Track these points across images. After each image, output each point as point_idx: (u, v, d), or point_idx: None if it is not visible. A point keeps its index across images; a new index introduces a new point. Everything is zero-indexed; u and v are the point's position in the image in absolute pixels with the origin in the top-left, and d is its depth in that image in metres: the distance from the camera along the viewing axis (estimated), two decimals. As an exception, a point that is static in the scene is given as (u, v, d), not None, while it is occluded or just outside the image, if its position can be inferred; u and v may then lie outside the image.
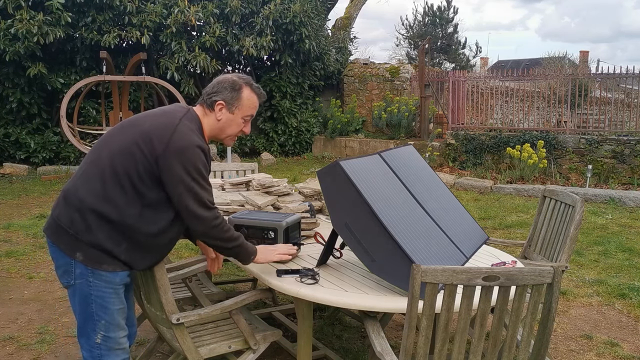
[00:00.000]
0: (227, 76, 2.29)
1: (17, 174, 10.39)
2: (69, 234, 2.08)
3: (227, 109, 2.24)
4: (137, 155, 2.07)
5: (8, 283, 4.61)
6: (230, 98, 2.24)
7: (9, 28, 9.98)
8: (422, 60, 12.64)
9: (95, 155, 2.14)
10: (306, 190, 3.41)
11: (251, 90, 2.28)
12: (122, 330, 2.20)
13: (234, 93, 2.24)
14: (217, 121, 2.25)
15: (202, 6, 11.78)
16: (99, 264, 2.08)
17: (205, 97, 2.26)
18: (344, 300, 2.13)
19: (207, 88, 2.28)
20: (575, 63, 26.40)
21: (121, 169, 2.07)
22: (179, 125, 2.11)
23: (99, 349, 2.15)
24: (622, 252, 5.52)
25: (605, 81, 10.52)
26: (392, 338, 3.50)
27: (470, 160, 10.60)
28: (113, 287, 2.12)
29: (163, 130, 2.09)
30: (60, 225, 2.10)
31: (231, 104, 2.24)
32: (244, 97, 2.26)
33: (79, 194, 2.10)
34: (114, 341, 2.16)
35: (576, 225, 2.88)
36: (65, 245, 2.09)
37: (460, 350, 1.79)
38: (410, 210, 2.44)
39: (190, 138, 2.10)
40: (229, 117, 2.25)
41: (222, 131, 2.28)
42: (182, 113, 2.20)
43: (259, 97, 2.31)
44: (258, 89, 2.31)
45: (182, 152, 2.06)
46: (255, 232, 2.55)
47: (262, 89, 2.35)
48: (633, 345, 3.51)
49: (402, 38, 29.83)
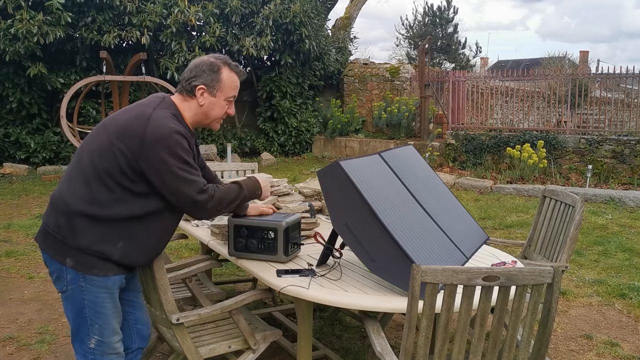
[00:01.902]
0: (204, 58, 2.21)
1: (17, 174, 10.39)
2: (57, 240, 2.06)
3: (208, 93, 2.18)
4: (117, 153, 2.03)
5: (8, 283, 4.61)
6: (211, 80, 2.17)
7: (9, 28, 9.98)
8: (422, 60, 12.64)
9: (78, 158, 2.12)
10: (306, 190, 3.41)
11: (230, 69, 2.21)
12: (117, 335, 2.17)
13: (214, 75, 2.17)
14: (199, 106, 2.19)
15: (202, 6, 11.78)
16: (90, 268, 2.05)
17: (184, 84, 2.18)
18: (344, 300, 2.13)
19: (185, 73, 2.20)
20: (575, 63, 26.41)
21: (102, 169, 2.04)
22: (152, 115, 2.06)
23: (92, 353, 2.13)
24: (622, 252, 5.52)
25: (605, 81, 10.51)
26: (392, 338, 3.50)
27: (470, 160, 10.60)
28: (106, 292, 2.09)
29: (137, 123, 2.04)
30: (48, 232, 2.09)
31: (212, 87, 2.17)
32: (225, 78, 2.19)
33: (64, 198, 2.08)
34: (108, 346, 2.14)
35: (576, 225, 2.88)
36: (54, 252, 2.08)
37: (460, 350, 1.79)
38: (410, 210, 2.44)
39: (166, 125, 2.04)
40: (211, 101, 2.19)
41: (206, 116, 2.22)
42: (156, 103, 2.14)
43: (239, 75, 2.24)
44: (237, 67, 2.24)
45: (160, 140, 2.01)
46: (255, 232, 2.54)
47: (240, 66, 2.27)
48: (633, 345, 3.51)
49: (402, 38, 29.86)
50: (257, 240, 2.54)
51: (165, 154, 2.01)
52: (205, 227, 3.16)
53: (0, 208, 7.65)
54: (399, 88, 13.72)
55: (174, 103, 2.17)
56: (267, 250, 2.53)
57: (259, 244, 2.54)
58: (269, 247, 2.52)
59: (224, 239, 2.82)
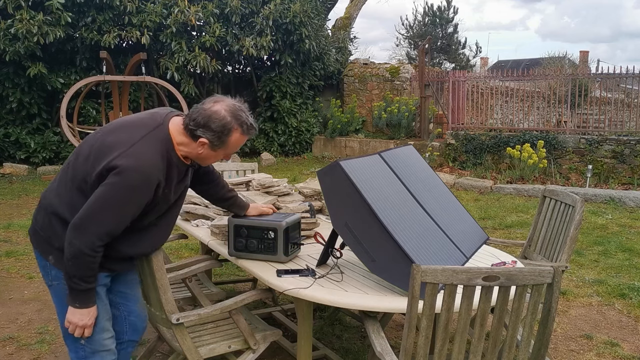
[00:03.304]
0: (220, 112, 2.03)
1: (17, 174, 10.39)
2: (42, 237, 2.10)
3: (209, 147, 2.07)
4: (93, 163, 2.00)
5: (8, 283, 4.61)
6: (216, 140, 2.05)
7: (9, 28, 9.98)
8: (422, 60, 12.64)
9: (72, 158, 2.12)
10: (306, 190, 3.41)
11: (241, 133, 2.08)
12: (106, 332, 2.17)
13: (222, 137, 2.05)
14: (197, 153, 2.10)
15: (202, 6, 11.78)
16: None
17: (190, 123, 2.03)
18: (344, 300, 2.13)
19: (196, 114, 2.03)
20: (575, 63, 26.40)
21: (80, 174, 2.03)
22: (137, 144, 1.98)
23: (83, 350, 2.15)
24: (622, 252, 5.52)
25: (605, 81, 10.51)
26: (392, 338, 3.50)
27: (470, 160, 10.59)
28: None
29: (118, 146, 1.98)
30: (36, 229, 2.13)
31: (215, 145, 2.07)
32: (232, 141, 2.08)
33: (49, 197, 2.10)
34: (98, 343, 2.15)
35: (576, 225, 2.88)
36: (40, 248, 2.12)
37: (460, 350, 1.79)
38: (410, 210, 2.44)
39: (141, 162, 1.94)
40: (210, 153, 2.10)
41: (199, 160, 2.16)
42: (148, 129, 2.04)
43: (250, 135, 2.12)
44: (248, 130, 2.09)
45: (122, 172, 1.92)
46: (255, 232, 2.54)
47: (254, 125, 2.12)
48: (633, 345, 3.50)
49: (402, 38, 29.85)
50: (257, 240, 2.54)
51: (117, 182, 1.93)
52: (205, 227, 3.16)
53: (0, 208, 7.65)
54: (399, 88, 13.72)
55: (167, 133, 2.06)
56: (267, 250, 2.53)
57: (259, 244, 2.54)
58: (269, 247, 2.52)
59: (224, 239, 2.82)
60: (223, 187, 2.64)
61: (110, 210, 1.95)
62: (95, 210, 1.94)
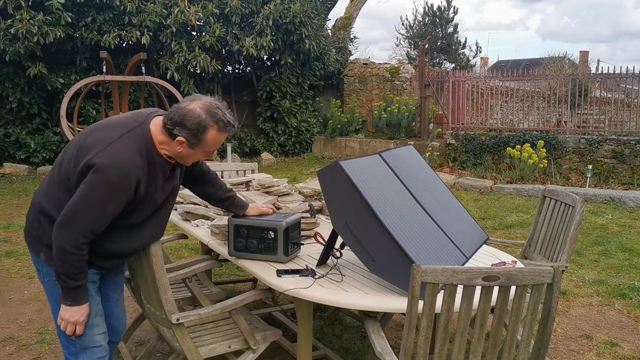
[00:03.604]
0: (195, 111, 2.03)
1: (17, 174, 10.39)
2: (33, 236, 2.17)
3: (187, 146, 2.07)
4: (75, 161, 2.03)
5: (8, 283, 4.61)
6: (193, 138, 2.05)
7: (9, 28, 9.98)
8: (422, 60, 12.64)
9: (60, 158, 2.16)
10: (306, 190, 3.41)
11: (218, 130, 2.07)
12: (96, 327, 2.20)
13: (198, 135, 2.04)
14: (177, 152, 2.10)
15: (202, 6, 11.78)
16: None
17: (167, 122, 2.05)
18: (344, 300, 2.13)
19: (173, 113, 2.05)
20: (575, 63, 26.40)
21: (64, 173, 2.07)
22: (115, 142, 2.00)
23: (74, 345, 2.19)
24: (622, 252, 5.52)
25: (605, 81, 10.51)
26: (392, 338, 3.50)
27: (470, 160, 10.60)
28: None
29: (96, 145, 2.00)
30: (28, 228, 2.20)
31: (192, 144, 2.07)
32: (208, 139, 2.07)
33: (38, 197, 2.17)
34: (88, 339, 2.18)
35: (576, 225, 2.88)
36: (32, 246, 2.19)
37: (460, 350, 1.79)
38: (410, 210, 2.44)
39: (118, 159, 1.96)
40: (188, 152, 2.11)
41: (179, 158, 2.16)
42: (128, 128, 2.06)
43: (228, 132, 2.12)
44: (226, 127, 2.09)
45: (100, 169, 1.94)
46: (255, 232, 2.55)
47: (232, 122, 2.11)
48: (633, 345, 3.51)
49: (402, 38, 29.84)
50: (257, 240, 2.54)
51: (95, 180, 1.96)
52: (205, 227, 3.16)
53: (0, 208, 7.66)
54: (399, 88, 13.72)
55: (149, 131, 2.08)
56: (267, 250, 2.53)
57: (259, 244, 2.54)
58: (269, 247, 2.53)
59: (224, 239, 2.82)
60: (220, 187, 2.65)
61: (90, 208, 1.97)
62: (77, 208, 1.98)
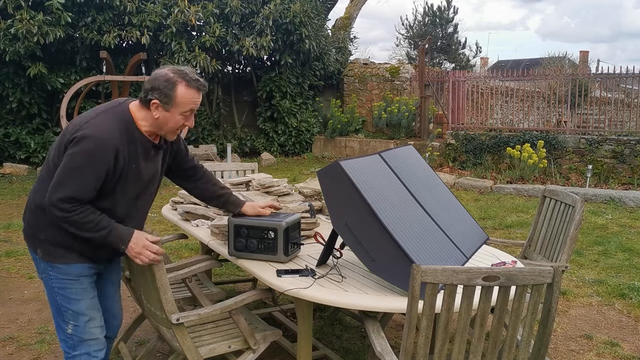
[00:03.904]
0: (162, 72, 2.16)
1: (17, 174, 10.39)
2: (29, 234, 2.23)
3: (162, 108, 2.15)
4: (58, 146, 2.13)
5: (8, 283, 4.61)
6: (165, 96, 2.13)
7: (9, 28, 9.98)
8: (422, 60, 12.64)
9: (47, 155, 2.25)
10: (306, 190, 3.41)
11: (187, 85, 2.14)
12: (92, 321, 2.25)
13: (168, 91, 2.13)
14: (154, 119, 2.17)
15: (202, 6, 11.78)
16: (54, 257, 2.18)
17: (142, 94, 2.18)
18: (344, 300, 2.13)
19: (145, 83, 2.18)
20: (575, 63, 26.40)
21: (52, 164, 2.14)
22: (94, 118, 2.11)
23: (71, 339, 2.23)
24: (622, 252, 5.52)
25: (605, 81, 10.52)
26: (392, 338, 3.50)
27: (470, 160, 10.60)
28: (72, 279, 2.20)
29: (77, 124, 2.12)
30: (25, 227, 2.26)
31: (166, 103, 2.14)
32: (180, 94, 2.13)
33: (31, 195, 2.24)
34: (85, 331, 2.23)
35: (576, 225, 2.88)
36: (30, 243, 2.25)
37: (460, 350, 1.79)
38: (410, 210, 2.44)
39: (96, 130, 2.06)
40: (165, 115, 2.16)
41: (160, 128, 2.21)
42: (108, 107, 2.18)
43: (199, 90, 2.18)
44: (196, 82, 2.17)
45: (79, 140, 2.04)
46: (255, 232, 2.55)
47: (201, 80, 2.20)
48: (633, 345, 3.51)
49: (402, 38, 29.85)
50: (257, 240, 2.54)
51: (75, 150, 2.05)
52: (205, 227, 3.16)
53: (0, 208, 7.66)
54: (399, 88, 13.72)
55: (127, 110, 2.18)
56: (267, 250, 2.53)
57: (259, 244, 2.54)
58: (269, 247, 2.53)
59: (224, 239, 2.82)
60: (214, 184, 2.67)
61: (70, 175, 2.04)
62: (58, 177, 2.06)
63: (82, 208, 2.08)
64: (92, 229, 2.10)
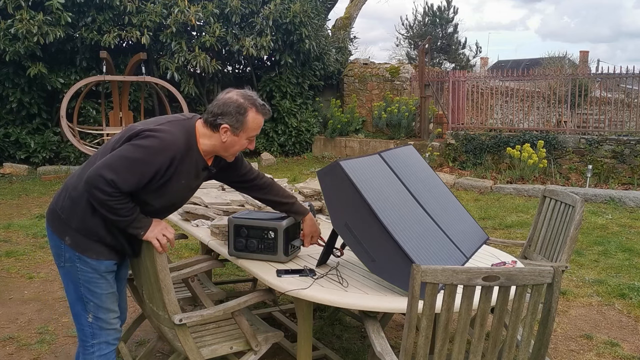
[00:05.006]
0: (232, 97, 2.24)
1: (17, 174, 10.39)
2: (61, 219, 2.21)
3: (231, 132, 2.23)
4: (119, 140, 2.18)
5: (8, 283, 4.61)
6: (236, 122, 2.22)
7: (9, 28, 9.98)
8: (422, 60, 12.64)
9: (101, 147, 2.27)
10: (306, 190, 3.41)
11: (256, 112, 2.25)
12: (113, 312, 2.30)
13: (239, 117, 2.22)
14: (221, 142, 2.25)
15: (202, 6, 11.78)
16: (84, 250, 2.18)
17: (209, 117, 2.23)
18: (344, 300, 2.13)
19: (213, 107, 2.24)
20: (575, 63, 26.39)
21: (110, 149, 2.17)
22: (164, 124, 2.18)
23: (90, 327, 2.26)
24: (622, 252, 5.53)
25: (605, 81, 10.52)
26: (392, 338, 3.50)
27: (470, 160, 10.60)
28: (98, 274, 2.22)
29: (145, 125, 2.18)
30: (55, 210, 2.23)
31: (236, 128, 2.23)
32: (249, 120, 2.24)
33: (74, 180, 2.22)
34: (105, 322, 2.28)
35: (576, 225, 2.88)
36: (56, 229, 2.22)
37: (460, 350, 1.79)
38: (410, 210, 2.44)
39: (165, 132, 2.12)
40: (233, 139, 2.25)
41: (225, 150, 2.29)
42: (176, 118, 2.24)
43: (265, 116, 2.29)
44: (263, 108, 2.28)
45: (147, 136, 2.10)
46: (255, 232, 2.55)
47: (267, 106, 2.31)
48: (633, 345, 3.51)
49: (402, 38, 29.84)
50: (257, 240, 2.54)
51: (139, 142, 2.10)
52: (205, 227, 3.16)
53: (0, 208, 7.65)
54: (399, 88, 13.72)
55: (193, 127, 2.24)
56: (267, 250, 2.53)
57: (259, 244, 2.54)
58: (269, 247, 2.53)
59: (224, 239, 2.82)
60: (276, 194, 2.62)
61: (123, 162, 2.07)
62: (111, 158, 2.09)
63: (121, 197, 2.11)
64: (122, 214, 2.13)
